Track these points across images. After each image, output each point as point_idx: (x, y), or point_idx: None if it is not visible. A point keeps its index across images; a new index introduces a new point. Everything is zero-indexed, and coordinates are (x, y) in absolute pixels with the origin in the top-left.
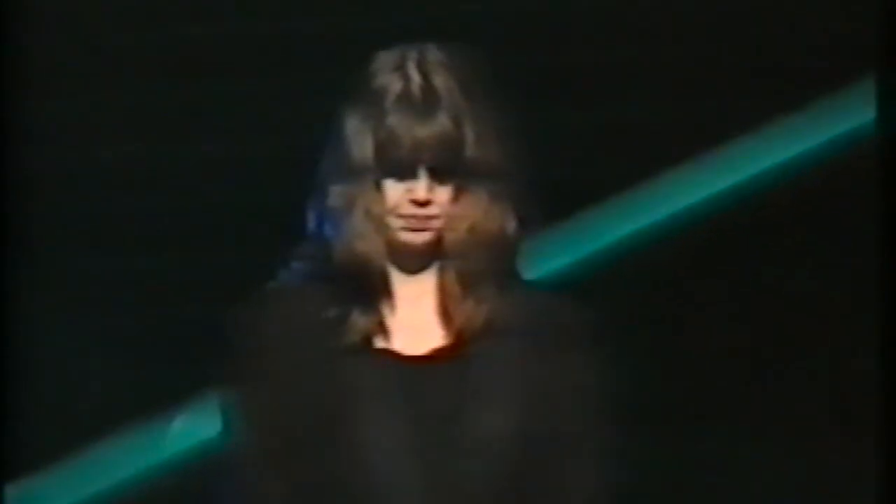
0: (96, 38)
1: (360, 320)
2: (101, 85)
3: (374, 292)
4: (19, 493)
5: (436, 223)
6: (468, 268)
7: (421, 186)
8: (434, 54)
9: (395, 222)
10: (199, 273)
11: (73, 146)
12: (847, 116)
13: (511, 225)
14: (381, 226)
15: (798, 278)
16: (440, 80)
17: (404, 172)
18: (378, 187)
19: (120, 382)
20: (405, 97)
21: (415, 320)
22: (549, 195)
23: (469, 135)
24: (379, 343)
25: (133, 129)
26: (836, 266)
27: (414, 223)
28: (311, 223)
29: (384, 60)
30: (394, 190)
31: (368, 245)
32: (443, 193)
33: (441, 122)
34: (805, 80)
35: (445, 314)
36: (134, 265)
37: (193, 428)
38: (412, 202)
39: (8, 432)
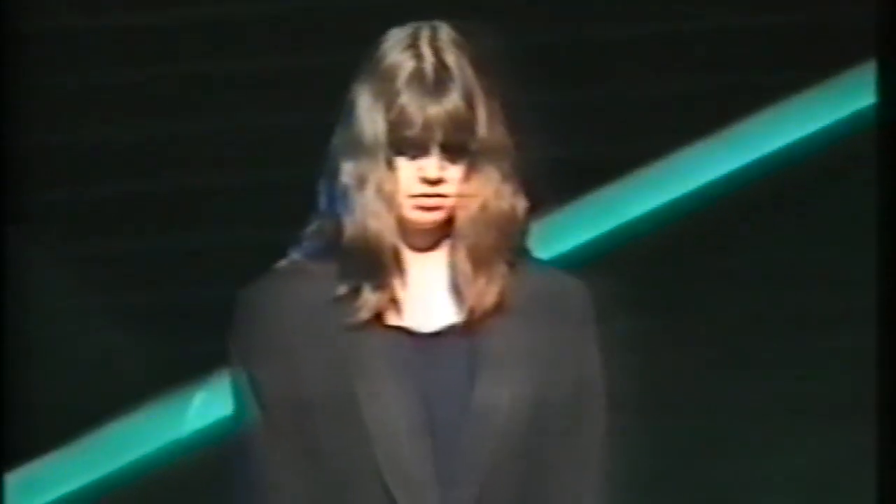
0: (107, 13)
1: (371, 297)
2: (112, 62)
3: (386, 269)
4: (30, 474)
5: (447, 202)
6: (479, 246)
7: (432, 165)
8: (446, 32)
9: (407, 201)
10: (212, 251)
11: (85, 124)
12: (847, 102)
13: (522, 204)
14: (392, 204)
15: (800, 260)
16: (452, 59)
17: (416, 151)
18: (390, 165)
19: (136, 362)
20: (417, 75)
21: (426, 297)
22: (560, 174)
23: (481, 113)
24: (391, 320)
25: (149, 107)
26: (837, 251)
27: (425, 202)
28: (323, 201)
29: (396, 38)
30: (405, 168)
31: (380, 223)
32: (454, 172)
33: (453, 101)
34: (805, 66)
35: (457, 292)
36: (152, 245)
37: (211, 407)
38: (423, 181)
39: (19, 414)
